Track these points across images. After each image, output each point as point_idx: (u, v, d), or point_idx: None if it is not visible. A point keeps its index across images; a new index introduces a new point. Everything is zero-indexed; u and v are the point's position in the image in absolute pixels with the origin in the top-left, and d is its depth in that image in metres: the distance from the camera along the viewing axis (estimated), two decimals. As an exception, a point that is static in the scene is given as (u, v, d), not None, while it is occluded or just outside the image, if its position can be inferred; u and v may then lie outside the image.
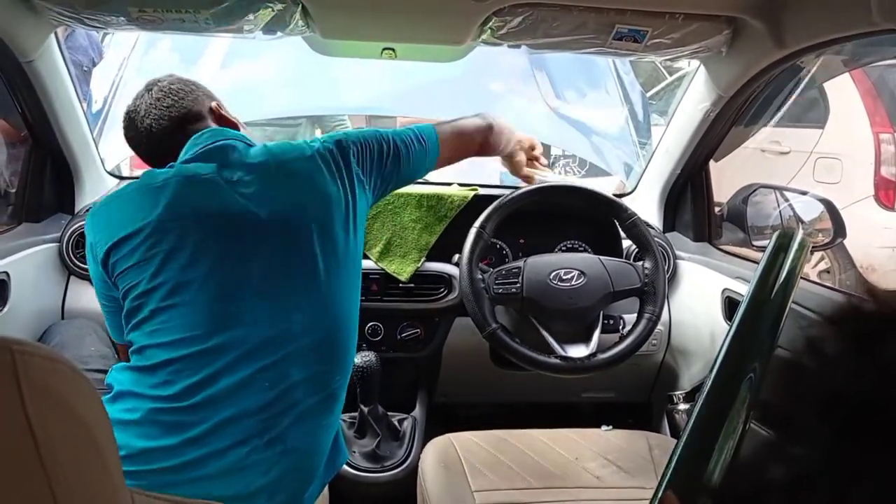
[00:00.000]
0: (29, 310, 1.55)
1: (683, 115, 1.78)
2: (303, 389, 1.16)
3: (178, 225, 1.14)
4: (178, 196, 1.16)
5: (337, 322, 1.23)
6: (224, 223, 1.16)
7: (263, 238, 1.17)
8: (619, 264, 1.63)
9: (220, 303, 1.13)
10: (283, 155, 1.26)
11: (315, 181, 1.24)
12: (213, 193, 1.17)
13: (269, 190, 1.21)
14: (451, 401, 1.97)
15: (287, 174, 1.24)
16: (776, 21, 1.37)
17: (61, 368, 0.44)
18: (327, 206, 1.23)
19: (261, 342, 1.14)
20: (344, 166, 1.29)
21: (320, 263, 1.20)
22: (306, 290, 1.19)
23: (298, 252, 1.19)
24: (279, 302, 1.16)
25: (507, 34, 1.42)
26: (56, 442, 0.41)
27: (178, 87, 1.34)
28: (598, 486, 1.45)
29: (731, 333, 0.95)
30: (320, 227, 1.21)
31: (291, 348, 1.16)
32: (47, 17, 1.36)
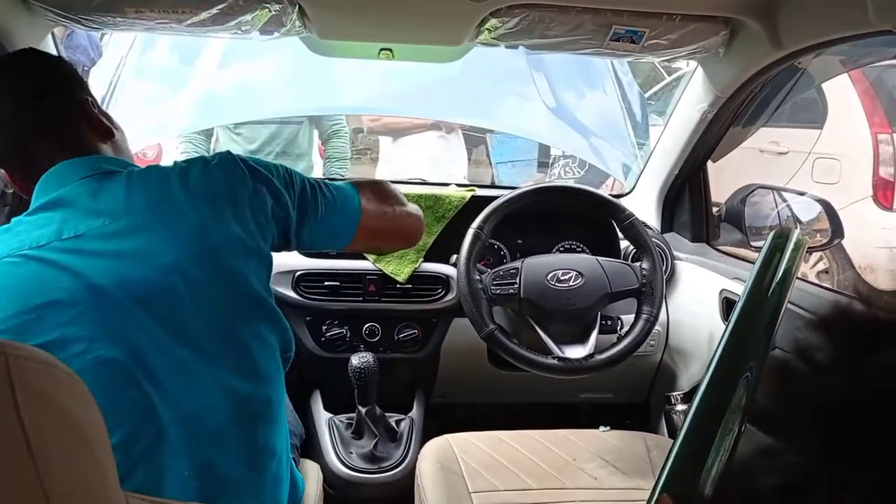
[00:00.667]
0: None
1: (681, 115, 1.78)
2: (228, 463, 0.99)
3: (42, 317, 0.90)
4: (30, 285, 0.91)
5: (259, 382, 1.03)
6: (89, 301, 0.91)
7: (142, 311, 0.94)
8: (617, 265, 1.63)
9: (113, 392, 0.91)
10: (156, 193, 1.00)
11: (200, 226, 0.99)
12: (64, 270, 0.92)
13: (136, 248, 0.95)
14: (448, 401, 1.96)
15: (158, 222, 0.97)
16: (773, 22, 1.37)
17: (56, 372, 0.44)
18: (219, 256, 0.99)
19: (171, 428, 0.94)
20: (246, 198, 1.05)
21: (214, 325, 0.99)
22: (204, 361, 0.97)
23: (191, 319, 0.97)
24: (182, 380, 0.96)
25: (504, 35, 1.42)
26: (50, 446, 0.41)
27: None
28: (596, 487, 1.45)
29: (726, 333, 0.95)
30: (214, 283, 0.99)
31: (202, 425, 0.97)
32: (44, 17, 1.36)
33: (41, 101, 1.04)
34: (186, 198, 0.99)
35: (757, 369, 0.88)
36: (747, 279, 1.04)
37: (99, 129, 1.08)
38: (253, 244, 1.03)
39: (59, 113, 1.04)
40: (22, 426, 0.40)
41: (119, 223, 0.96)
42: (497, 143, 4.58)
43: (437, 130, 3.42)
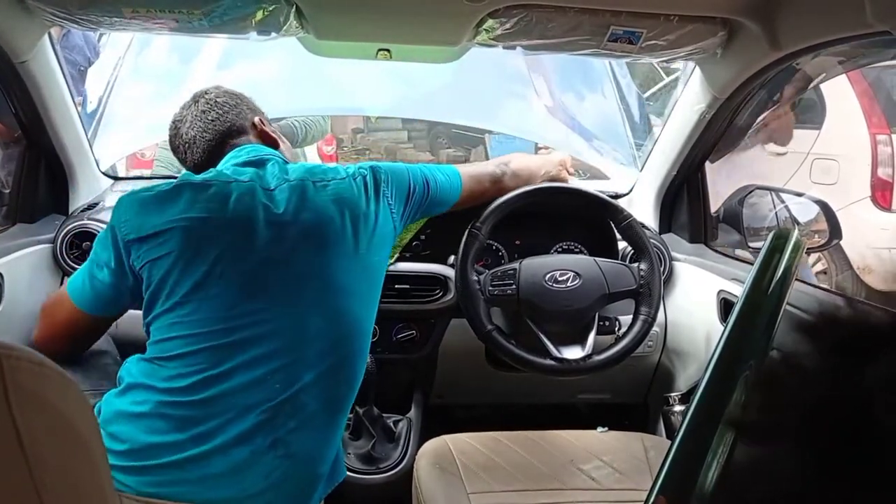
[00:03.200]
0: (23, 311, 1.54)
1: (679, 116, 1.77)
2: (311, 394, 1.19)
3: (210, 226, 1.18)
4: (213, 198, 1.20)
5: (350, 333, 1.26)
6: (253, 228, 1.20)
7: (289, 246, 1.22)
8: (615, 266, 1.63)
9: (241, 302, 1.17)
10: (319, 173, 1.32)
11: (346, 198, 1.29)
12: (246, 200, 1.22)
13: (302, 202, 1.25)
14: (446, 402, 1.96)
15: (320, 189, 1.28)
16: (771, 23, 1.37)
17: (49, 373, 0.44)
18: (355, 222, 1.28)
19: (277, 343, 1.17)
20: (374, 190, 1.35)
21: (341, 276, 1.25)
22: (324, 298, 1.23)
23: (321, 262, 1.24)
24: (298, 307, 1.20)
25: (502, 35, 1.42)
26: (43, 446, 0.41)
27: (224, 101, 1.41)
28: (594, 488, 1.44)
29: (725, 333, 0.94)
30: (345, 241, 1.26)
31: (305, 352, 1.19)
32: (41, 17, 1.36)
33: (222, 121, 1.40)
34: (342, 181, 1.33)
35: (756, 369, 0.88)
36: (746, 280, 1.04)
37: (267, 140, 1.42)
38: (382, 225, 1.34)
39: (236, 127, 1.41)
40: (14, 426, 0.40)
41: (298, 187, 1.27)
42: (496, 144, 4.59)
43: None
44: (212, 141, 1.39)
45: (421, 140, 5.34)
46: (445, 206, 1.55)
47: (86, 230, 1.67)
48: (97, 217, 1.71)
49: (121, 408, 1.15)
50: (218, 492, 1.11)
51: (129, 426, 1.12)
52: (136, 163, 2.55)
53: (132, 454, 1.10)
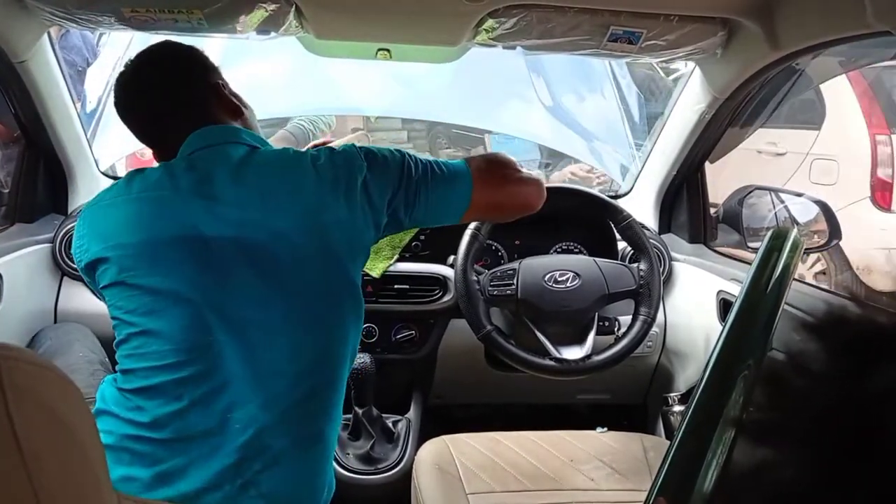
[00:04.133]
0: (21, 311, 1.55)
1: (679, 116, 1.77)
2: (274, 434, 1.08)
3: (149, 252, 1.07)
4: (147, 216, 1.08)
5: (315, 366, 1.11)
6: (200, 247, 1.06)
7: (243, 265, 1.07)
8: (615, 266, 1.63)
9: (192, 333, 1.05)
10: (285, 169, 1.13)
11: (317, 203, 1.10)
12: (190, 214, 1.07)
13: (259, 211, 1.08)
14: (445, 402, 1.96)
15: (283, 192, 1.10)
16: (771, 23, 1.36)
17: (47, 374, 0.44)
18: (326, 234, 1.10)
19: (231, 378, 1.06)
20: (359, 186, 1.13)
21: (305, 295, 1.10)
22: (282, 328, 1.08)
23: (280, 282, 1.08)
24: (253, 336, 1.07)
25: (501, 35, 1.42)
26: (41, 448, 0.41)
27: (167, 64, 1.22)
28: (593, 489, 1.45)
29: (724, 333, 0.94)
30: (315, 257, 1.10)
31: (262, 390, 1.07)
32: (40, 17, 1.36)
33: (175, 86, 1.19)
34: (312, 177, 1.12)
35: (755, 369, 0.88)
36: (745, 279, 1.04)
37: (229, 108, 1.22)
38: (357, 230, 1.13)
39: (190, 94, 1.19)
40: (12, 427, 0.39)
41: (245, 191, 1.10)
42: (495, 145, 4.57)
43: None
44: (159, 118, 1.20)
45: (420, 140, 5.33)
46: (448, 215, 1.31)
47: (85, 230, 1.66)
48: (96, 217, 1.71)
49: None
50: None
51: None
52: (135, 162, 2.53)
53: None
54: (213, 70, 1.25)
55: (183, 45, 1.24)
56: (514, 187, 1.30)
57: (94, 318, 1.60)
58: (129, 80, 1.19)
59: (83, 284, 1.65)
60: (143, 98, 1.19)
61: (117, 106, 1.21)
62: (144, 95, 1.19)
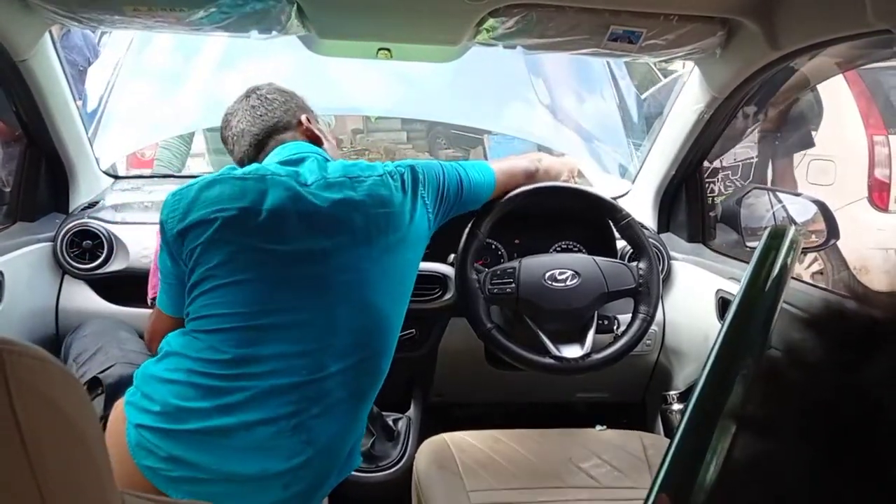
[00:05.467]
0: (23, 309, 1.55)
1: (678, 116, 1.78)
2: (336, 382, 1.24)
3: (246, 217, 1.23)
4: (249, 191, 1.25)
5: (378, 328, 1.31)
6: (287, 221, 1.25)
7: (322, 239, 1.26)
8: (614, 265, 1.63)
9: (274, 290, 1.23)
10: (357, 170, 1.35)
11: (382, 195, 1.33)
12: (281, 194, 1.26)
13: (337, 198, 1.29)
14: (446, 400, 1.96)
15: (356, 185, 1.32)
16: (770, 22, 1.37)
17: (50, 368, 0.44)
18: (389, 219, 1.32)
19: (305, 332, 1.23)
20: (411, 187, 1.38)
21: (371, 272, 1.29)
22: (354, 292, 1.27)
23: (353, 257, 1.28)
24: (327, 299, 1.25)
25: (502, 35, 1.43)
26: (44, 443, 0.41)
27: (274, 97, 1.46)
28: (593, 486, 1.45)
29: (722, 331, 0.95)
30: (378, 238, 1.30)
31: (332, 342, 1.24)
32: (42, 15, 1.36)
33: (269, 117, 1.44)
34: (378, 178, 1.35)
35: (753, 366, 0.88)
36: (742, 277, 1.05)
37: (312, 138, 1.45)
38: (416, 226, 1.37)
39: (282, 123, 1.45)
40: (16, 422, 0.39)
41: (336, 183, 1.31)
42: (495, 145, 4.58)
43: None
44: (258, 135, 1.43)
45: (420, 141, 5.33)
46: (478, 203, 1.57)
47: (86, 229, 1.67)
48: (97, 216, 1.72)
49: (155, 372, 1.23)
50: (239, 466, 1.16)
51: (161, 388, 1.19)
52: (135, 162, 2.54)
53: (162, 416, 1.16)
54: (302, 107, 1.51)
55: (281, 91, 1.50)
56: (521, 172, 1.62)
57: (94, 315, 1.61)
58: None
59: (85, 283, 1.68)
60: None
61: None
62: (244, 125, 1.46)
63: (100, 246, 1.67)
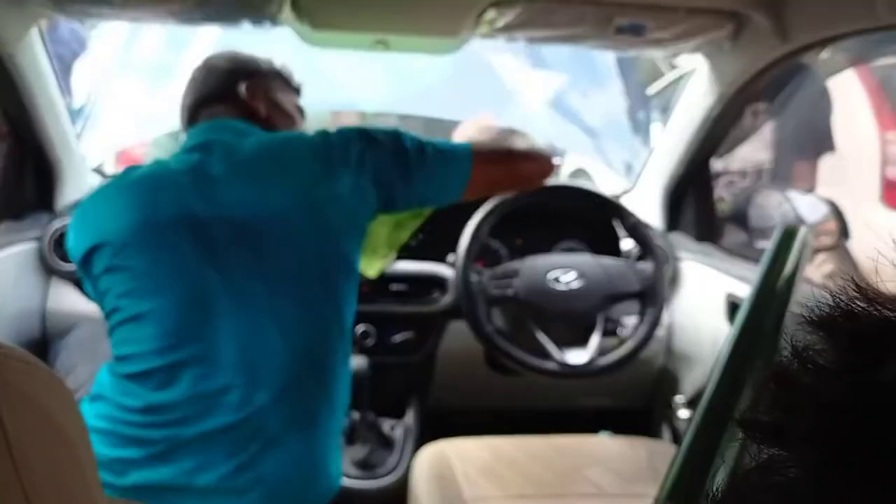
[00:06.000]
0: (9, 310, 1.52)
1: (685, 112, 1.74)
2: (270, 413, 1.08)
3: (146, 231, 1.08)
4: (140, 203, 1.09)
5: (312, 344, 1.12)
6: (194, 228, 1.08)
7: (238, 245, 1.08)
8: (619, 266, 1.59)
9: (186, 315, 1.06)
10: (279, 149, 1.15)
11: (311, 180, 1.12)
12: (185, 196, 1.09)
13: (253, 190, 1.10)
14: (444, 407, 1.93)
15: (277, 171, 1.12)
16: (780, 16, 1.33)
17: (37, 371, 0.43)
18: (321, 210, 1.12)
19: (228, 359, 1.06)
20: (353, 163, 1.16)
21: (300, 272, 1.11)
22: (277, 307, 1.09)
23: (279, 261, 1.09)
24: (251, 316, 1.08)
25: (503, 26, 1.39)
26: (31, 446, 0.40)
27: (214, 65, 1.29)
28: (598, 495, 1.41)
29: (732, 334, 0.91)
30: (310, 233, 1.11)
31: (256, 370, 1.07)
32: (30, 7, 1.33)
33: (199, 88, 1.27)
34: (306, 154, 1.15)
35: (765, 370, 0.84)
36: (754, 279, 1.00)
37: (250, 112, 1.24)
38: (353, 206, 1.16)
39: (210, 94, 1.26)
40: (2, 424, 0.39)
41: (239, 171, 1.12)
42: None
43: None
44: (188, 108, 1.26)
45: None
46: (447, 193, 1.32)
47: (74, 228, 1.63)
48: (86, 215, 1.68)
49: (87, 417, 1.09)
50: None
51: (94, 437, 1.05)
52: (124, 159, 2.50)
53: (103, 468, 1.03)
54: (241, 75, 1.29)
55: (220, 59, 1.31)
56: (516, 164, 1.35)
57: (82, 317, 1.58)
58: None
59: (72, 284, 1.64)
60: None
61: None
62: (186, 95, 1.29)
63: (88, 246, 1.63)
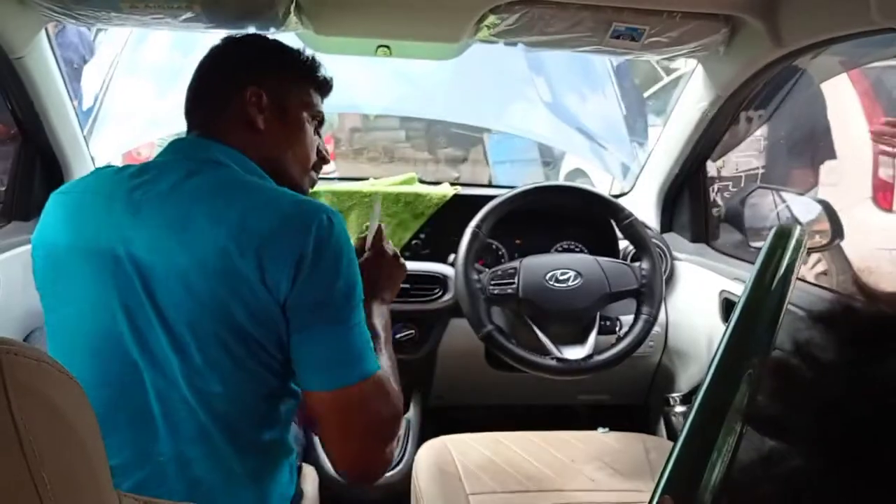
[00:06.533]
0: (17, 310, 1.53)
1: (681, 114, 1.76)
2: (196, 467, 0.95)
3: (66, 255, 0.98)
4: (78, 218, 1.00)
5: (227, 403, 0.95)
6: (109, 264, 0.95)
7: (142, 293, 0.93)
8: (616, 265, 1.62)
9: (99, 360, 0.95)
10: (212, 193, 0.96)
11: (223, 246, 0.91)
12: (111, 223, 0.96)
13: (169, 239, 0.93)
14: (445, 403, 1.95)
15: (197, 223, 0.93)
16: (775, 20, 1.35)
17: (48, 369, 0.44)
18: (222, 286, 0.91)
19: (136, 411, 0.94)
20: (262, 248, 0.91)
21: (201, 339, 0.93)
22: (182, 362, 0.93)
23: (176, 319, 0.93)
24: (152, 370, 0.93)
25: (503, 32, 1.41)
26: (42, 443, 0.41)
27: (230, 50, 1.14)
28: (595, 489, 1.43)
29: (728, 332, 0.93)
30: (207, 302, 0.92)
31: (173, 421, 0.94)
32: (38, 12, 1.34)
33: (207, 78, 1.12)
34: (235, 216, 0.93)
35: (759, 368, 0.87)
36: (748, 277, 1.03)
37: (247, 123, 1.07)
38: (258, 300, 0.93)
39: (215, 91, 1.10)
40: (14, 422, 0.39)
41: (168, 212, 0.95)
42: (494, 144, 4.58)
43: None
44: (187, 102, 1.12)
45: (419, 139, 5.33)
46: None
47: (82, 228, 1.65)
48: (93, 215, 1.70)
49: None
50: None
51: None
52: (130, 160, 2.52)
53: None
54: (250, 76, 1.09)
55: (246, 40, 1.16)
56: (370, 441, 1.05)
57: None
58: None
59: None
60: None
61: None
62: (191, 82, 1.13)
63: (96, 246, 1.65)
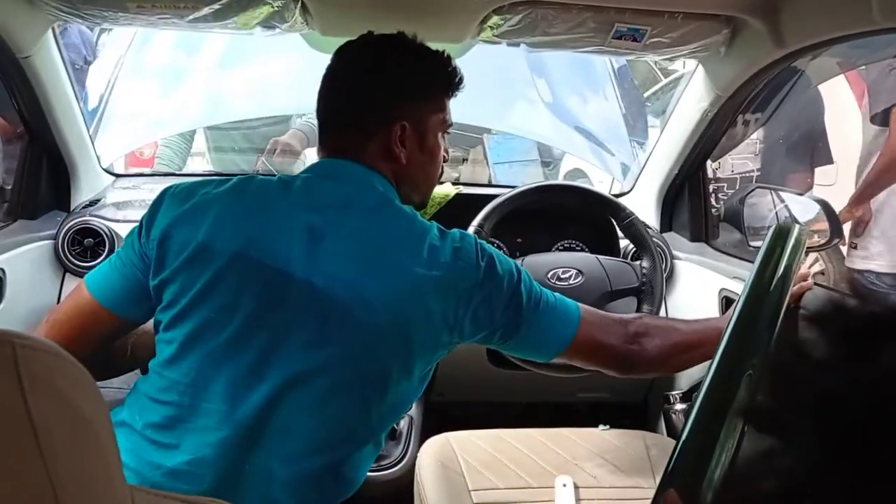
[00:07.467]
0: (24, 307, 1.54)
1: (681, 114, 1.77)
2: (284, 492, 1.00)
3: (230, 259, 0.96)
4: (250, 224, 0.98)
5: (343, 440, 1.04)
6: (281, 282, 0.96)
7: (314, 319, 0.96)
8: (617, 263, 1.63)
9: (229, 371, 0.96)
10: (397, 238, 1.01)
11: (410, 290, 0.98)
12: (287, 244, 0.97)
13: (353, 271, 0.97)
14: (447, 400, 1.96)
15: (382, 264, 0.98)
16: (775, 20, 1.36)
17: (62, 363, 0.44)
18: (409, 323, 0.99)
19: (253, 428, 0.96)
20: (458, 295, 1.02)
21: (359, 373, 0.99)
22: (328, 392, 0.98)
23: (342, 349, 0.97)
24: (291, 393, 0.96)
25: (506, 32, 1.42)
26: (56, 436, 0.41)
27: (401, 61, 1.11)
28: (595, 486, 1.44)
29: (728, 329, 0.94)
30: (388, 337, 0.99)
31: (285, 444, 0.98)
32: (45, 11, 1.35)
33: (357, 99, 1.07)
34: (422, 265, 0.99)
35: (759, 365, 0.88)
36: (748, 276, 1.04)
37: (387, 154, 1.07)
38: (439, 334, 1.05)
39: (364, 116, 1.07)
40: (29, 416, 0.40)
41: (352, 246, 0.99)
42: (494, 144, 4.57)
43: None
44: (321, 118, 1.11)
45: (419, 140, 5.34)
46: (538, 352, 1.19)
47: (87, 227, 1.67)
48: (99, 213, 1.72)
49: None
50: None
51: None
52: (133, 161, 2.53)
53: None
54: (406, 106, 1.08)
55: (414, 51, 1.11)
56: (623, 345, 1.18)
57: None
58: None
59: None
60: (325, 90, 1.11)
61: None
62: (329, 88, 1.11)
63: (101, 244, 1.67)
